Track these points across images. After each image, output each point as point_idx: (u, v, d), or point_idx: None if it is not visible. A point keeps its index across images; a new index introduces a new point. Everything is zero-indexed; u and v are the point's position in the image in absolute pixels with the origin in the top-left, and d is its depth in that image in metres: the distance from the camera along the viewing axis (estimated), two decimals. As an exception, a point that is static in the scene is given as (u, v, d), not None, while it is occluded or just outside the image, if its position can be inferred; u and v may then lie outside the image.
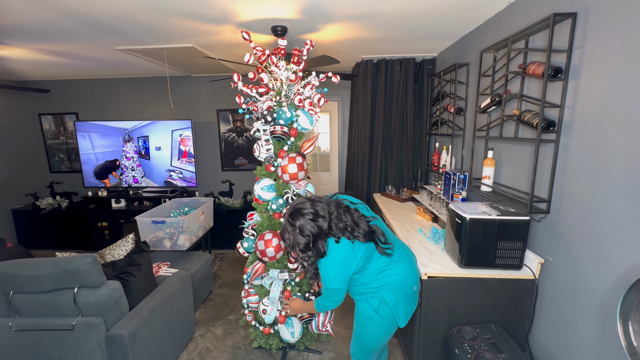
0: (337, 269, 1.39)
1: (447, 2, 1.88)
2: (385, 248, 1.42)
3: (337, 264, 1.38)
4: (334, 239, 1.38)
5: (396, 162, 3.45)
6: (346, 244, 1.37)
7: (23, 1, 1.80)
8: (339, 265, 1.38)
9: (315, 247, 1.37)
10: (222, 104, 4.21)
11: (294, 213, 1.39)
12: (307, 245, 1.36)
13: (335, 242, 1.37)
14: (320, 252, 1.38)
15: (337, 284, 1.41)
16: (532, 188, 1.57)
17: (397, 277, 1.44)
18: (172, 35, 2.45)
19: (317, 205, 1.39)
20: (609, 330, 1.21)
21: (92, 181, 4.14)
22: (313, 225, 1.35)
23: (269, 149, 1.93)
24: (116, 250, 2.44)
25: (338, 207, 1.41)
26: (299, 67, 1.93)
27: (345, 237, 1.37)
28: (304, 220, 1.35)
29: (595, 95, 1.28)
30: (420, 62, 3.32)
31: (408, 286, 1.47)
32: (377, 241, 1.41)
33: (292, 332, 1.97)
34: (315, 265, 1.43)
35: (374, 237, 1.41)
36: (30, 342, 1.64)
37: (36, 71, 3.81)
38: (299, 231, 1.35)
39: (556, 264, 1.50)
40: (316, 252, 1.38)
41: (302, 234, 1.35)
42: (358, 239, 1.37)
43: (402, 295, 1.44)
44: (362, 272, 1.43)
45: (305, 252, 1.38)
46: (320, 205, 1.40)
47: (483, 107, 1.96)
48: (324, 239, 1.38)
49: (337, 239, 1.37)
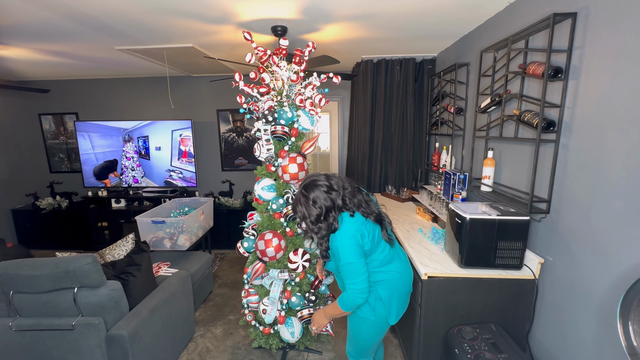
0: (350, 240, 1.36)
1: (447, 2, 1.88)
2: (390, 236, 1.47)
3: (349, 236, 1.36)
4: (348, 213, 1.39)
5: (396, 162, 3.45)
6: (359, 217, 1.40)
7: (23, 1, 1.80)
8: (352, 238, 1.36)
9: (326, 220, 1.37)
10: (222, 104, 4.21)
11: (309, 185, 1.40)
12: (319, 218, 1.36)
13: (349, 215, 1.39)
14: (330, 226, 1.38)
15: (353, 257, 1.35)
16: (532, 188, 1.57)
17: (395, 274, 1.46)
18: (172, 35, 2.45)
19: (332, 179, 1.42)
20: (609, 330, 1.21)
21: (92, 181, 4.14)
22: (326, 197, 1.36)
23: (269, 148, 1.93)
24: (116, 250, 2.44)
25: (352, 185, 1.45)
26: (300, 67, 1.93)
27: (359, 212, 1.41)
28: (318, 192, 1.37)
29: (595, 95, 1.28)
30: (420, 62, 3.32)
31: (404, 285, 1.50)
32: (385, 226, 1.46)
33: (292, 332, 1.97)
34: (327, 239, 1.43)
35: (383, 222, 1.46)
36: (30, 342, 1.64)
37: (36, 71, 3.81)
38: (312, 202, 1.36)
39: (556, 264, 1.50)
40: (327, 225, 1.38)
41: (315, 205, 1.36)
42: (369, 217, 1.41)
43: (396, 293, 1.47)
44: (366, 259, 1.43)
45: (316, 224, 1.38)
46: (335, 179, 1.43)
47: (483, 107, 1.96)
48: (336, 212, 1.38)
49: (352, 213, 1.40)
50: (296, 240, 2.04)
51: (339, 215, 1.39)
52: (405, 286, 1.52)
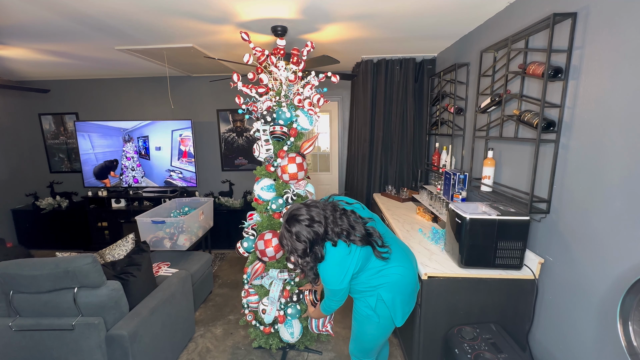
0: (335, 271, 1.39)
1: (447, 2, 1.88)
2: (382, 252, 1.42)
3: (335, 267, 1.38)
4: (330, 243, 1.37)
5: (396, 162, 3.45)
6: (343, 247, 1.37)
7: (23, 1, 1.80)
8: (337, 267, 1.38)
9: (312, 252, 1.37)
10: (222, 104, 4.21)
11: (290, 219, 1.39)
12: (305, 251, 1.36)
13: (332, 245, 1.37)
14: (317, 257, 1.38)
15: (337, 285, 1.41)
16: (532, 188, 1.57)
17: (396, 276, 1.44)
18: (172, 35, 2.45)
19: (312, 210, 1.39)
20: (609, 330, 1.21)
21: (92, 181, 4.14)
22: (309, 230, 1.35)
23: (268, 149, 1.93)
24: (116, 250, 2.44)
25: (334, 211, 1.41)
26: (298, 67, 1.93)
27: (342, 240, 1.37)
28: (299, 227, 1.35)
29: (595, 95, 1.28)
30: (420, 62, 3.32)
31: (406, 285, 1.47)
32: (374, 245, 1.41)
33: (291, 332, 1.97)
34: (315, 269, 1.44)
35: (371, 241, 1.41)
36: (30, 342, 1.64)
37: (36, 71, 3.81)
38: (296, 237, 1.36)
39: (556, 264, 1.50)
40: (314, 257, 1.38)
41: (298, 240, 1.35)
42: (354, 242, 1.37)
43: (399, 294, 1.45)
44: (361, 272, 1.43)
45: (304, 257, 1.38)
46: (315, 210, 1.39)
47: (483, 107, 1.96)
48: (321, 243, 1.38)
49: (334, 243, 1.37)
50: (296, 240, 2.04)
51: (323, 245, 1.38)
52: (409, 286, 1.48)
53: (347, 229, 1.38)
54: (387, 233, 1.53)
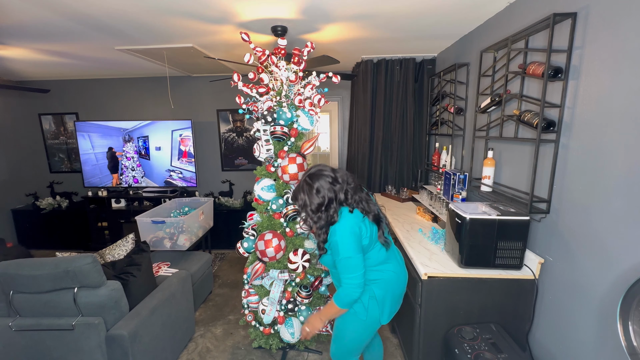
0: (349, 235, 1.36)
1: (447, 2, 1.88)
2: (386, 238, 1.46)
3: (348, 230, 1.36)
4: (347, 209, 1.39)
5: (396, 162, 3.45)
6: (358, 214, 1.40)
7: (23, 1, 1.80)
8: (351, 232, 1.36)
9: (327, 211, 1.37)
10: (222, 104, 4.21)
11: (314, 174, 1.41)
12: (319, 207, 1.37)
13: (349, 211, 1.39)
14: (330, 217, 1.38)
15: (351, 251, 1.34)
16: (532, 188, 1.57)
17: (391, 273, 1.47)
18: (172, 35, 2.45)
19: (337, 172, 1.43)
20: (609, 330, 1.21)
21: (92, 181, 4.14)
22: (330, 188, 1.37)
23: (269, 149, 1.93)
24: (116, 250, 2.44)
25: (355, 182, 1.46)
26: (299, 67, 1.93)
27: (359, 209, 1.41)
28: (323, 182, 1.38)
29: (595, 95, 1.28)
30: (420, 62, 3.32)
31: (398, 286, 1.51)
32: (382, 227, 1.45)
33: (292, 333, 1.97)
34: (325, 231, 1.42)
35: (380, 222, 1.45)
36: (30, 342, 1.64)
37: (36, 71, 3.81)
38: (316, 191, 1.37)
39: (556, 264, 1.50)
40: (326, 217, 1.38)
41: (318, 194, 1.37)
42: (368, 216, 1.41)
43: (390, 292, 1.47)
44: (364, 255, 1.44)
45: (316, 213, 1.38)
46: (340, 172, 1.44)
47: (483, 107, 1.96)
48: (337, 205, 1.39)
49: (351, 209, 1.39)
50: (296, 240, 2.04)
51: (339, 209, 1.39)
52: (400, 287, 1.52)
53: (365, 200, 1.43)
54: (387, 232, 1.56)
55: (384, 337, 2.38)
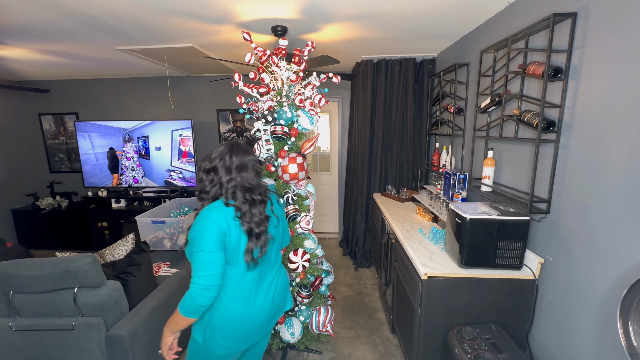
0: (211, 226, 1.14)
1: (447, 2, 1.88)
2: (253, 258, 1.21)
3: (212, 221, 1.15)
4: (222, 201, 1.21)
5: (396, 162, 3.45)
6: (231, 212, 1.19)
7: (23, 1, 1.80)
8: (215, 224, 1.15)
9: (208, 177, 1.23)
10: (222, 104, 4.21)
11: (240, 149, 1.27)
12: (207, 171, 1.23)
13: (224, 203, 1.21)
14: (204, 188, 1.23)
15: (208, 246, 1.13)
16: (532, 188, 1.57)
17: (238, 305, 1.23)
18: (172, 35, 2.45)
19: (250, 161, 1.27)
20: (609, 330, 1.21)
21: (92, 181, 4.14)
22: (225, 166, 1.23)
23: (269, 149, 1.93)
24: (116, 250, 2.44)
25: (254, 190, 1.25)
26: (299, 67, 1.93)
27: (238, 209, 1.20)
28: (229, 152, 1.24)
29: (595, 95, 1.28)
30: (420, 62, 3.32)
31: (237, 325, 1.24)
32: (254, 243, 1.21)
33: (292, 333, 1.97)
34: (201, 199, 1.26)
35: (251, 236, 1.20)
36: (30, 342, 1.64)
37: (36, 71, 3.81)
38: (218, 155, 1.24)
39: (556, 264, 1.50)
40: (204, 184, 1.24)
41: (214, 155, 1.24)
42: (242, 223, 1.19)
43: (231, 327, 1.23)
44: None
45: (200, 170, 1.26)
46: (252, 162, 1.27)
47: (483, 107, 1.96)
48: (216, 184, 1.22)
49: (226, 201, 1.21)
50: (296, 240, 2.04)
51: (214, 194, 1.23)
52: (244, 325, 1.25)
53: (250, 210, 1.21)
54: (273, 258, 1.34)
55: (384, 337, 2.38)
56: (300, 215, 2.00)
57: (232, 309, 1.23)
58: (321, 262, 2.16)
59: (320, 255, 2.16)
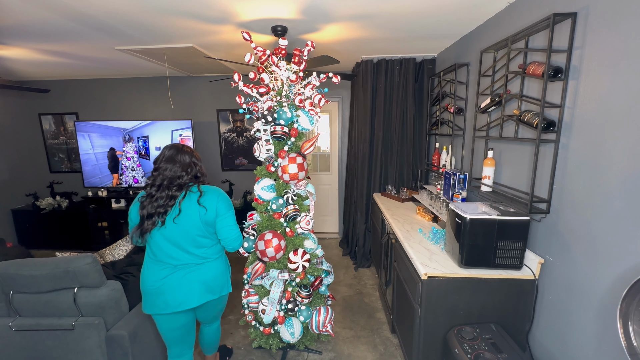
0: (135, 202, 1.55)
1: (447, 2, 1.88)
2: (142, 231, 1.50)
3: (136, 198, 1.56)
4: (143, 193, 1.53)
5: (396, 162, 3.45)
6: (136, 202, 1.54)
7: (23, 1, 1.80)
8: (136, 201, 1.55)
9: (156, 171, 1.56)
10: (222, 104, 4.21)
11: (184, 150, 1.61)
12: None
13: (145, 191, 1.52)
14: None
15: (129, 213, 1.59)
16: (532, 188, 1.57)
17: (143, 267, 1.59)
18: (172, 35, 2.45)
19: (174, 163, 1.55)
20: (609, 330, 1.21)
21: (92, 181, 4.14)
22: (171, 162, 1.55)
23: (269, 149, 1.93)
24: (116, 250, 2.44)
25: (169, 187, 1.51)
26: (299, 67, 1.93)
27: (143, 200, 1.51)
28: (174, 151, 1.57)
29: (595, 95, 1.28)
30: (420, 62, 3.32)
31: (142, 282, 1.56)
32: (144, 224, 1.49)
33: (292, 333, 1.97)
34: None
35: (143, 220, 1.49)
36: (30, 342, 1.64)
37: (36, 71, 3.81)
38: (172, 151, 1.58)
39: (556, 264, 1.50)
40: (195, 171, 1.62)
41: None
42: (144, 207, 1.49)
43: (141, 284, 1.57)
44: None
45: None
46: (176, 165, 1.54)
47: (483, 107, 1.96)
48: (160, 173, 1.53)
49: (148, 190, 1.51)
50: (296, 240, 2.04)
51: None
52: (143, 285, 1.56)
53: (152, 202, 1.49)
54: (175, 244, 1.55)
55: (384, 337, 2.38)
56: (300, 215, 2.00)
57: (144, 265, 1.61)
58: (321, 262, 2.16)
59: (320, 255, 2.16)
